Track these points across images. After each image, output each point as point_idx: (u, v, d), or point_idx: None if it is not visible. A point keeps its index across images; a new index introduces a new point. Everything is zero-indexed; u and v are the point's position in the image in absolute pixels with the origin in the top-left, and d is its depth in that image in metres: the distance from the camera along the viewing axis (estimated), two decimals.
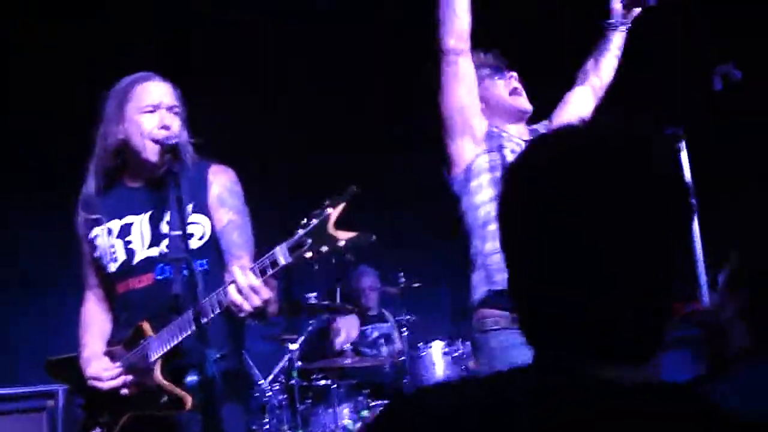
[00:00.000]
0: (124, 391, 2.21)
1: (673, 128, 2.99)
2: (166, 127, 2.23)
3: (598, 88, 2.76)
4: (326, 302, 4.68)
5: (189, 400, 2.01)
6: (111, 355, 2.28)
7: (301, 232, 1.91)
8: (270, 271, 1.96)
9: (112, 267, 2.31)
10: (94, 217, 2.35)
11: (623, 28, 2.75)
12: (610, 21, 2.75)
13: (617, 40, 2.76)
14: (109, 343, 2.34)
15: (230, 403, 2.07)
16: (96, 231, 2.34)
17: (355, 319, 5.03)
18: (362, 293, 5.10)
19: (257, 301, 1.96)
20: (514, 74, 2.65)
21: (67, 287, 2.57)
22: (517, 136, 2.56)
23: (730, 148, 4.34)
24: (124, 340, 2.26)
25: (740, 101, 3.62)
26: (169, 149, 2.18)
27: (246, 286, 1.95)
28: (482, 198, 2.45)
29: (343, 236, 1.88)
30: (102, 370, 2.22)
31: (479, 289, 2.38)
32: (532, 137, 2.51)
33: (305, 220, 1.92)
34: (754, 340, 1.53)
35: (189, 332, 2.07)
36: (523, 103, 2.62)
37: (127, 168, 2.35)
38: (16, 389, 3.69)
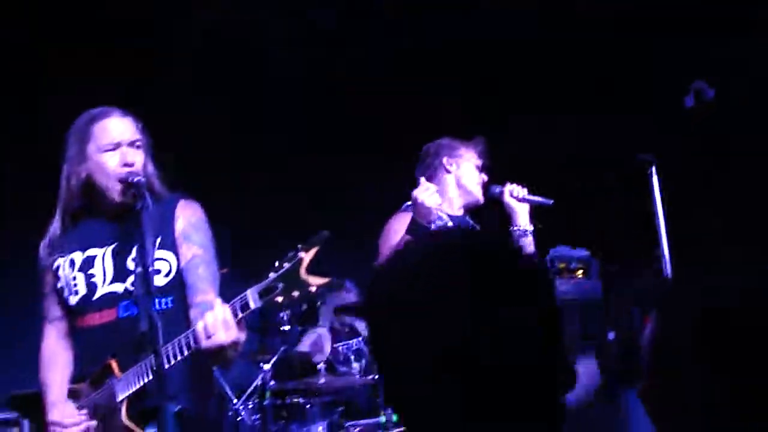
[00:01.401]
0: None
1: (643, 155, 3.00)
2: (128, 164, 2.21)
3: None
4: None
5: None
6: (75, 394, 2.24)
7: (272, 275, 1.90)
8: (240, 314, 1.94)
9: (72, 300, 2.26)
10: (57, 247, 2.32)
11: (528, 236, 3.11)
12: (516, 228, 3.12)
13: (526, 246, 3.09)
14: (72, 380, 2.28)
15: None
16: (59, 261, 2.30)
17: (327, 335, 4.98)
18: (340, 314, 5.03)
19: (224, 338, 1.94)
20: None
21: (33, 314, 2.49)
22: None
23: (702, 166, 4.36)
24: (90, 377, 2.20)
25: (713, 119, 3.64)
26: (132, 186, 2.15)
27: (222, 319, 1.92)
28: None
29: (315, 282, 1.88)
30: (65, 417, 2.18)
31: None
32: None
33: (277, 264, 1.90)
34: None
35: (151, 377, 2.03)
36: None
37: (92, 203, 2.32)
38: None
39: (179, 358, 2.00)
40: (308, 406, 4.48)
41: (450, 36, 4.80)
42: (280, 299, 1.89)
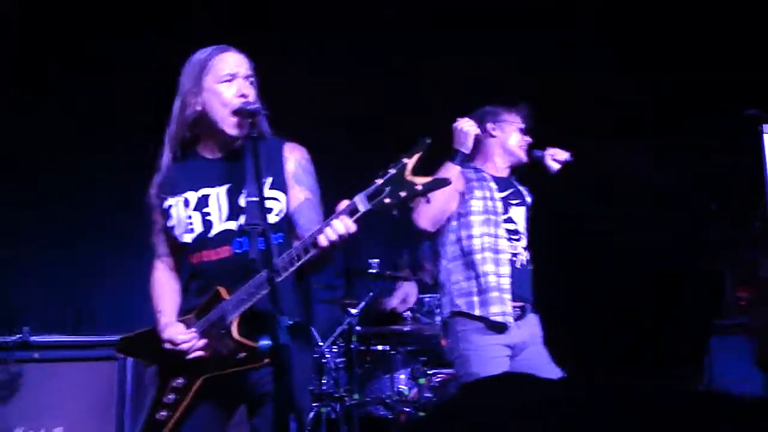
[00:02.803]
0: (199, 353, 2.24)
1: (755, 110, 2.89)
2: (243, 96, 2.27)
3: None
4: (387, 270, 4.71)
5: (264, 356, 2.05)
6: (186, 323, 2.31)
7: (379, 181, 1.99)
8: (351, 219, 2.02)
9: (187, 238, 2.33)
10: (168, 187, 2.38)
11: None
12: None
13: None
14: (182, 312, 2.36)
15: (298, 357, 2.08)
16: (170, 201, 2.36)
17: (414, 287, 5.06)
18: (425, 265, 5.10)
19: (342, 229, 2.03)
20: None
21: (144, 247, 2.60)
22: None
23: None
24: (198, 307, 2.29)
25: None
26: (249, 114, 2.22)
27: (342, 224, 2.03)
28: (450, 238, 3.17)
29: (420, 181, 1.97)
30: (177, 334, 2.26)
31: (446, 309, 3.17)
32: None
33: (382, 171, 1.99)
34: None
35: (263, 293, 2.11)
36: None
37: (202, 139, 2.38)
38: (91, 337, 3.87)
39: (293, 266, 2.07)
40: (392, 353, 4.57)
41: None
42: (387, 200, 1.96)
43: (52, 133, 4.64)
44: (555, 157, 3.29)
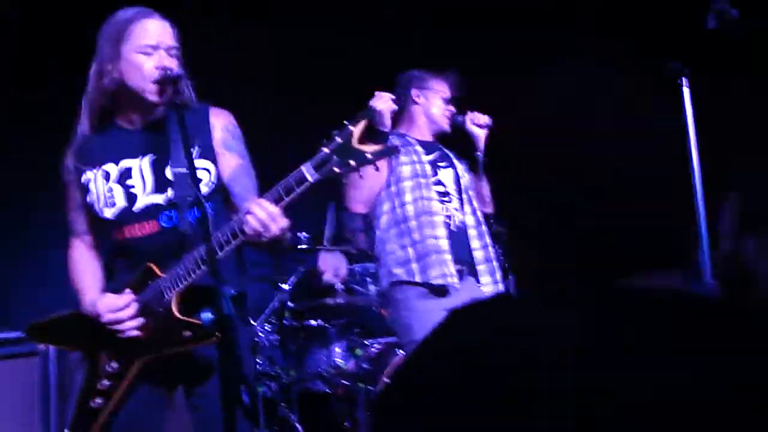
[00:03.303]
0: (135, 333, 2.13)
1: (675, 62, 2.94)
2: (164, 68, 2.14)
3: (485, 205, 3.39)
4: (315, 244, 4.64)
5: (214, 331, 1.95)
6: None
7: (325, 150, 1.90)
8: (297, 190, 1.92)
9: (108, 213, 2.20)
10: (86, 159, 2.24)
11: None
12: (479, 153, 3.31)
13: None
14: (111, 292, 2.22)
15: (241, 329, 2.05)
16: (89, 175, 2.23)
17: (342, 257, 5.00)
18: (354, 235, 5.05)
19: (276, 229, 1.93)
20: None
21: (61, 232, 2.46)
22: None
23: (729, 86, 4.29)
24: (128, 286, 2.17)
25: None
26: (170, 81, 2.10)
27: (265, 215, 1.91)
28: (383, 209, 3.13)
29: (369, 149, 1.90)
30: (113, 303, 2.13)
31: (384, 280, 3.13)
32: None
33: (327, 140, 1.91)
34: None
35: (203, 268, 2.01)
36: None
37: (121, 109, 2.24)
38: (6, 334, 3.65)
39: (229, 246, 1.97)
40: (326, 327, 4.53)
41: None
42: (337, 170, 1.88)
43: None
44: (475, 122, 3.30)
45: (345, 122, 1.91)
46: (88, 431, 2.14)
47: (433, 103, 3.32)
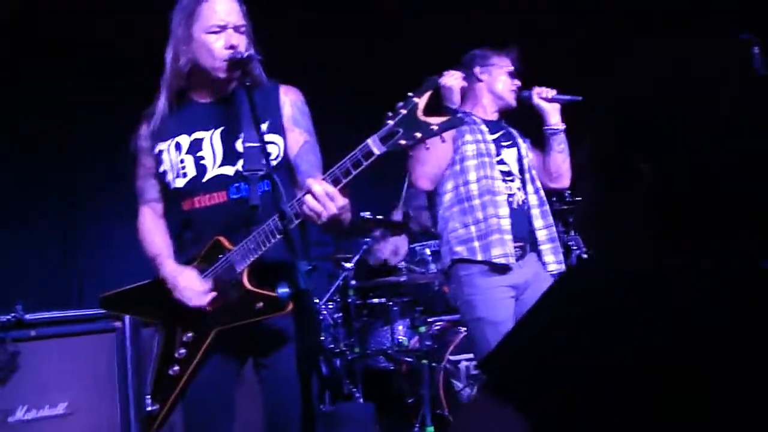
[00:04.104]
0: (208, 307, 2.19)
1: (747, 33, 2.86)
2: (233, 47, 2.19)
3: (552, 180, 3.30)
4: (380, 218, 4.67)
5: (287, 303, 1.99)
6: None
7: (390, 122, 1.90)
8: (364, 163, 1.92)
9: (179, 183, 2.26)
10: (161, 132, 2.31)
11: (560, 134, 3.26)
12: (547, 127, 3.26)
13: (557, 144, 3.25)
14: (180, 263, 2.28)
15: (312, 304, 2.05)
16: (161, 145, 2.30)
17: (404, 238, 5.04)
18: (417, 213, 5.08)
19: (333, 209, 1.95)
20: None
21: (130, 216, 2.53)
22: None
23: None
24: (197, 257, 2.23)
25: None
26: (239, 63, 2.15)
27: (322, 193, 1.94)
28: (447, 187, 3.13)
29: (435, 121, 1.89)
30: (194, 281, 2.19)
31: (446, 258, 3.13)
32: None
33: (392, 113, 1.91)
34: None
35: (275, 240, 2.05)
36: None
37: (195, 86, 2.31)
38: (83, 311, 3.80)
39: (296, 222, 2.01)
40: (389, 305, 4.58)
41: None
42: (403, 142, 1.89)
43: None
44: (542, 95, 3.27)
45: (409, 94, 1.91)
46: (167, 397, 2.23)
47: (498, 79, 3.29)
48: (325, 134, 2.38)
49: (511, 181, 3.17)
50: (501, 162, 3.17)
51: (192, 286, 2.20)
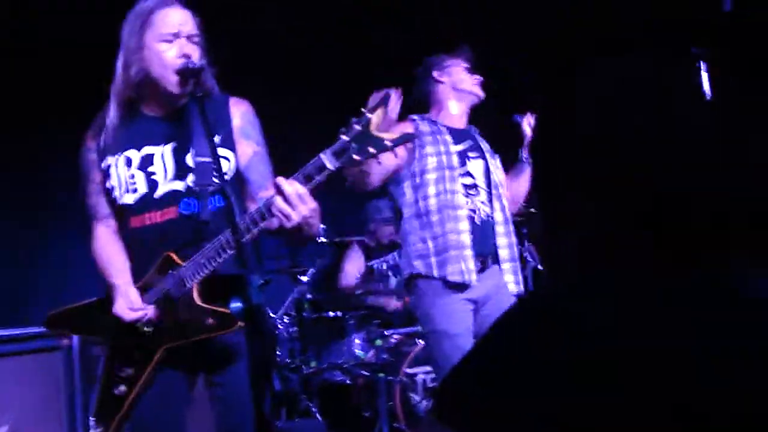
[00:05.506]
0: (144, 321, 2.15)
1: (696, 49, 2.92)
2: (186, 56, 2.15)
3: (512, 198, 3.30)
4: (336, 237, 4.64)
5: (239, 318, 1.95)
6: (141, 291, 2.21)
7: (344, 137, 1.89)
8: (317, 178, 1.90)
9: (129, 199, 2.21)
10: (109, 146, 2.25)
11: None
12: (525, 156, 3.29)
13: (526, 174, 3.28)
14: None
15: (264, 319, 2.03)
16: (110, 160, 2.24)
17: (360, 255, 4.98)
18: (376, 226, 5.02)
19: (305, 210, 1.91)
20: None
21: (78, 229, 2.45)
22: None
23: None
24: (147, 274, 2.18)
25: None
26: (192, 73, 2.11)
27: (293, 193, 1.90)
28: (408, 199, 3.10)
29: (388, 137, 1.89)
30: (133, 303, 2.15)
31: (405, 270, 3.13)
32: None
33: (345, 128, 1.90)
34: None
35: (227, 255, 2.01)
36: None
37: (146, 98, 2.26)
38: (29, 329, 3.68)
39: (256, 227, 1.97)
40: (345, 318, 4.54)
41: None
42: (357, 157, 1.87)
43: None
44: (531, 125, 3.28)
45: (363, 110, 1.90)
46: (112, 418, 2.16)
47: (457, 77, 3.26)
48: (279, 149, 2.35)
49: (475, 195, 3.10)
50: (466, 174, 3.11)
51: (126, 301, 2.15)
